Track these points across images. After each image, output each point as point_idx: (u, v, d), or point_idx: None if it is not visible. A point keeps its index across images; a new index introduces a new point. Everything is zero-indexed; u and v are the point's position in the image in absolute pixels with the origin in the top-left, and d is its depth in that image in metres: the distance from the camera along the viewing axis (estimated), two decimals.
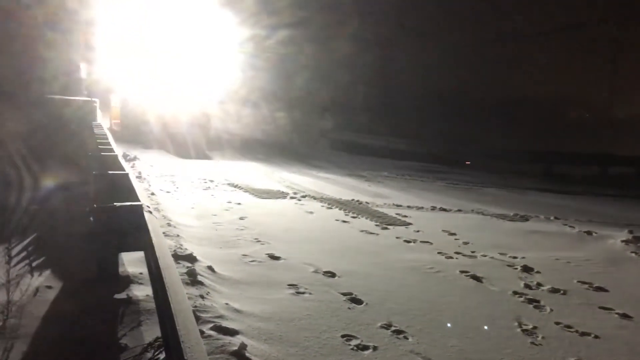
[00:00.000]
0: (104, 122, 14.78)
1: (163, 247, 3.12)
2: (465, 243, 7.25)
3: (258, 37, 23.90)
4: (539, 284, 5.53)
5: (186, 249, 5.52)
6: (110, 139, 8.84)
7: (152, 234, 3.27)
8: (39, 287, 4.17)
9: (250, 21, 23.09)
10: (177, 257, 5.05)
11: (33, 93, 14.60)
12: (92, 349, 3.29)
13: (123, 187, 5.26)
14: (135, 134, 15.56)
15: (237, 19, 22.06)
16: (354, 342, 3.80)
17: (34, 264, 4.88)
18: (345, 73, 25.21)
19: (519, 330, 4.29)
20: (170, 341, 2.14)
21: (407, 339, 3.96)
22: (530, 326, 4.37)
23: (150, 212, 4.03)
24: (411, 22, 25.24)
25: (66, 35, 15.96)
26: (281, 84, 24.89)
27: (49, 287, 4.31)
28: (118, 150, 8.07)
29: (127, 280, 4.50)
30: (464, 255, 6.61)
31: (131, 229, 4.01)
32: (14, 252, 5.21)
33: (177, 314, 2.14)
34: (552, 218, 9.56)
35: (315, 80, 25.73)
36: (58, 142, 11.85)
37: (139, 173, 10.90)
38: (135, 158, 12.87)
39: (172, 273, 2.71)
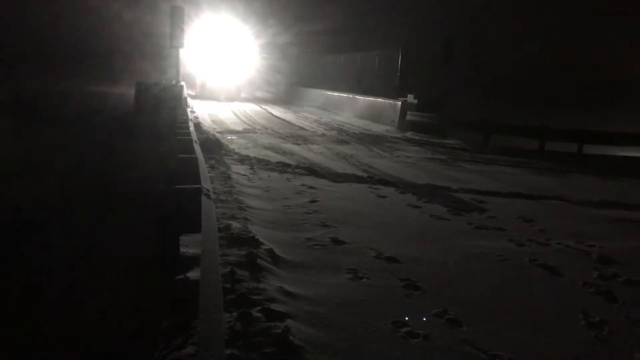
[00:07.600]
0: (191, 91, 29.52)
1: (210, 232, 3.22)
2: (541, 230, 6.95)
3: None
4: (614, 275, 5.23)
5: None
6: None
7: (203, 220, 3.38)
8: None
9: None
10: (241, 240, 5.19)
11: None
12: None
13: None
14: (206, 95, 30.81)
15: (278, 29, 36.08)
16: (404, 330, 3.77)
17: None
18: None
19: (583, 323, 4.10)
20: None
21: (461, 327, 3.88)
22: (597, 319, 4.16)
23: (209, 195, 4.15)
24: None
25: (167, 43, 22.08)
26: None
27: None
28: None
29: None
30: (537, 242, 6.35)
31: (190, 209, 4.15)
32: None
33: (204, 298, 2.22)
34: None
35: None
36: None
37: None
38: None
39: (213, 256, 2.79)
